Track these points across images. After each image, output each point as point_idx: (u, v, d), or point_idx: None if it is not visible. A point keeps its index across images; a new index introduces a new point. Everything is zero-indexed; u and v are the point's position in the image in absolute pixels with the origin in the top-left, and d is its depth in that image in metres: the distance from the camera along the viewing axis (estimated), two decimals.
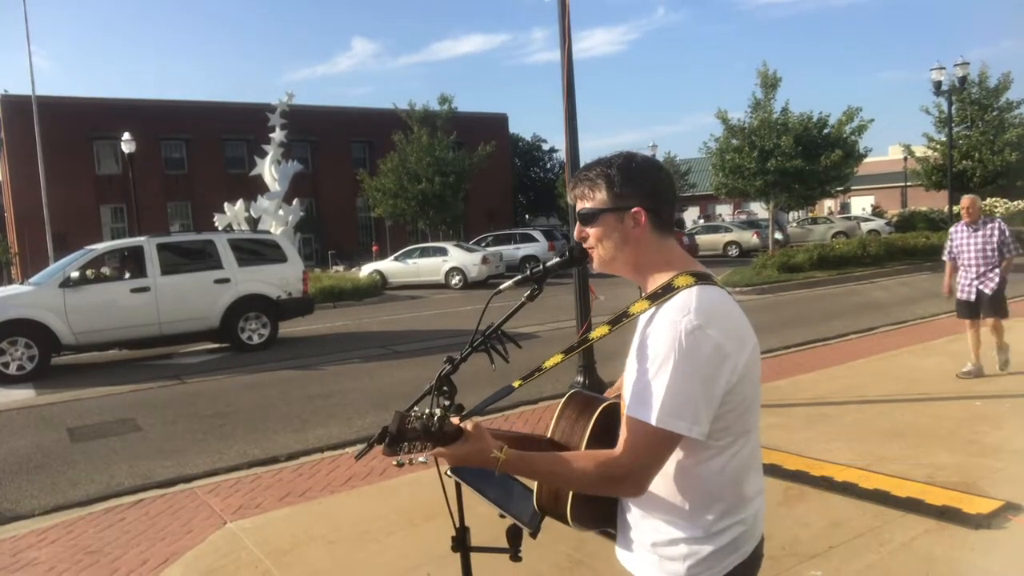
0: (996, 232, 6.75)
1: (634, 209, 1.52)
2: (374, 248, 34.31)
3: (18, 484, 5.77)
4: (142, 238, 11.95)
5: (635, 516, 1.56)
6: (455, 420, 1.47)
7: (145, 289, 11.18)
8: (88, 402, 8.72)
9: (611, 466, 1.42)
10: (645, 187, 1.53)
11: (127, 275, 11.46)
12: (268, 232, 17.75)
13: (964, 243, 6.90)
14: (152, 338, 11.35)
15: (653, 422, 1.38)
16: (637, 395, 1.42)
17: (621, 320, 1.53)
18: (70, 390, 9.46)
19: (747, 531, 1.52)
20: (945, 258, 7.17)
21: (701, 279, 1.47)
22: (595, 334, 1.59)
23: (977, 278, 6.83)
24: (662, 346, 1.39)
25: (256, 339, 12.05)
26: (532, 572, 3.45)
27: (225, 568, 3.91)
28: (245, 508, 4.76)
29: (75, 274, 10.86)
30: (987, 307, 6.83)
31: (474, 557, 1.81)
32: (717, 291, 1.48)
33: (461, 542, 1.80)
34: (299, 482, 5.22)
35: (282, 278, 12.36)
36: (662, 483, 1.47)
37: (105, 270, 11.62)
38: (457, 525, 1.80)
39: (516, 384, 1.64)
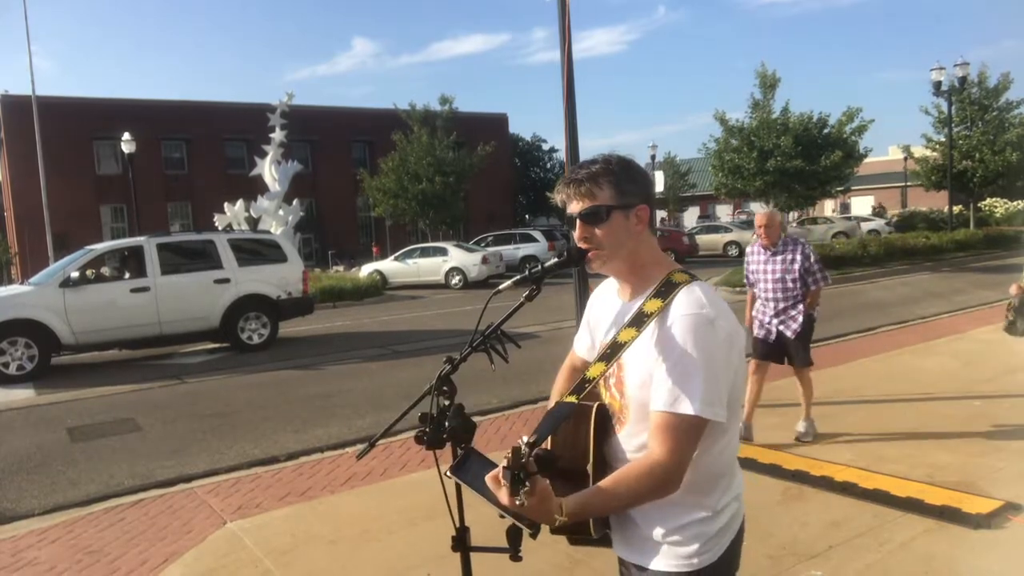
0: (799, 258, 5.28)
1: (640, 206, 1.57)
2: (374, 250, 34.28)
3: (18, 484, 5.77)
4: (142, 238, 11.94)
5: (640, 509, 1.56)
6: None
7: (145, 289, 11.17)
8: (88, 402, 8.72)
9: (657, 471, 1.44)
10: (644, 185, 1.59)
11: (127, 275, 11.46)
12: (268, 232, 17.75)
13: (761, 269, 5.41)
14: (152, 338, 11.34)
15: (695, 412, 1.43)
16: (670, 391, 1.45)
17: (643, 321, 1.52)
18: (70, 390, 9.46)
19: (739, 507, 1.62)
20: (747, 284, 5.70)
21: (692, 276, 1.58)
22: (623, 337, 1.55)
23: (776, 315, 5.35)
24: (689, 341, 1.45)
25: (256, 339, 12.04)
26: (532, 572, 3.45)
27: (225, 568, 3.91)
28: (245, 508, 4.76)
29: (75, 274, 10.84)
30: (790, 353, 5.39)
31: (474, 557, 1.81)
32: (709, 286, 1.57)
33: (461, 542, 1.80)
34: (299, 482, 5.22)
35: (282, 278, 12.35)
36: None
37: (105, 270, 11.62)
38: (457, 525, 1.80)
39: (571, 399, 1.58)
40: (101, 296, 10.99)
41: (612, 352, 1.60)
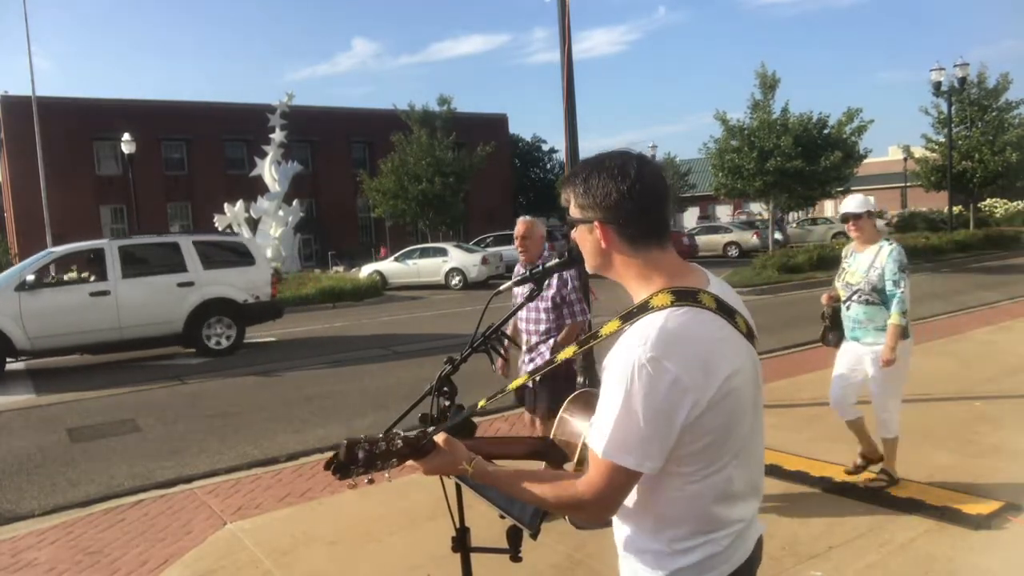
0: (555, 282, 4.15)
1: (594, 223, 1.44)
2: (382, 251, 34.04)
3: (18, 484, 5.77)
4: (103, 240, 11.71)
5: (616, 520, 1.55)
6: (439, 438, 1.47)
7: (105, 293, 10.81)
8: (88, 402, 8.72)
9: (569, 493, 1.40)
10: (604, 201, 1.41)
11: (91, 278, 11.20)
12: (236, 234, 17.55)
13: (517, 292, 4.03)
14: (113, 343, 10.95)
15: (600, 455, 1.34)
16: (595, 424, 1.38)
17: (587, 341, 1.48)
18: (70, 391, 9.45)
19: (721, 553, 1.43)
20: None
21: (681, 298, 1.36)
22: (562, 355, 1.58)
23: (528, 351, 4.29)
24: (616, 376, 1.32)
25: (224, 342, 11.64)
26: (532, 572, 3.46)
27: (225, 569, 3.91)
28: (245, 509, 4.76)
29: (31, 277, 10.52)
30: (533, 397, 4.24)
31: (474, 557, 1.82)
32: (693, 314, 1.35)
33: (461, 542, 1.80)
34: (299, 482, 5.22)
35: (249, 281, 11.95)
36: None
37: (64, 273, 11.34)
38: (457, 526, 1.80)
39: (481, 404, 1.61)
40: (58, 300, 10.68)
41: (544, 365, 1.64)
